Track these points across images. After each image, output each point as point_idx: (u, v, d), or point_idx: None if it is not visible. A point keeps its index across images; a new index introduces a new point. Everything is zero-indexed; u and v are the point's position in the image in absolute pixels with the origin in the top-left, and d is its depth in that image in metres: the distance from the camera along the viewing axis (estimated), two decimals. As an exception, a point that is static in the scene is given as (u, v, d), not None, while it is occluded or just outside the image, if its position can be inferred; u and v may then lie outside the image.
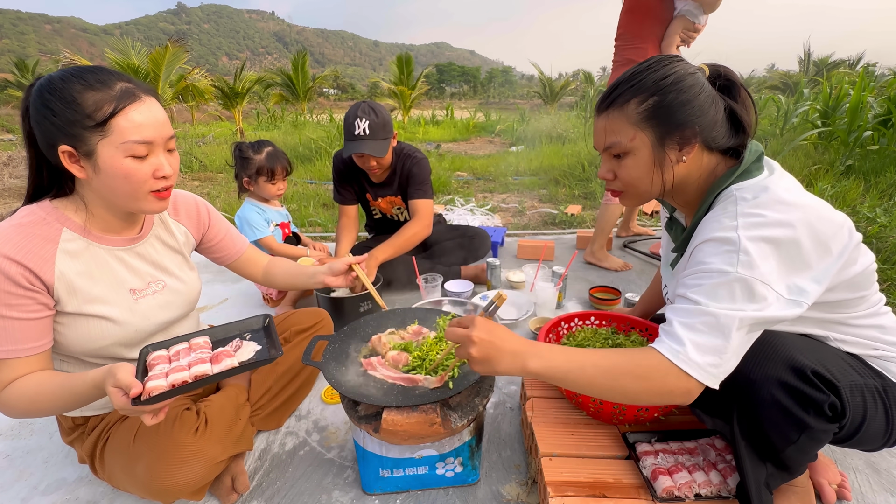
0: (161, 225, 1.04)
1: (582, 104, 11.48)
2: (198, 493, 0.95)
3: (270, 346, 0.95)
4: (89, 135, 0.78)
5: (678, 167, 0.84)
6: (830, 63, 18.67)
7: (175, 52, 9.93)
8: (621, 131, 0.84)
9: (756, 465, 0.82)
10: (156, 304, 0.98)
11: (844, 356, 0.84)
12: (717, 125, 0.82)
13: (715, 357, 0.70)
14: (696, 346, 0.71)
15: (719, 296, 0.71)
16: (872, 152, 4.52)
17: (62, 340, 0.89)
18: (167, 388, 0.76)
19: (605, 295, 2.02)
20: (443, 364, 1.02)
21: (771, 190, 0.77)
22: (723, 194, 0.82)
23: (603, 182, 4.68)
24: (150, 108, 0.83)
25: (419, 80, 17.29)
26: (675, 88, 0.79)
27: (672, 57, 0.83)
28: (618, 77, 0.86)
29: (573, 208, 3.97)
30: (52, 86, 0.78)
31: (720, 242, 0.74)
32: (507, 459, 1.17)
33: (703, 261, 0.75)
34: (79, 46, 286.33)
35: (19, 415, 0.83)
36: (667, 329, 0.75)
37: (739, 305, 0.70)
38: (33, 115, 0.80)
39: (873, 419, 0.80)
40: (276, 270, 1.29)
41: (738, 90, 0.83)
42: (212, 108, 16.75)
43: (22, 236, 0.80)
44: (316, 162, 6.48)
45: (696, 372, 0.70)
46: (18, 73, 19.40)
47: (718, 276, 0.72)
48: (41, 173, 0.86)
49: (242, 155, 1.98)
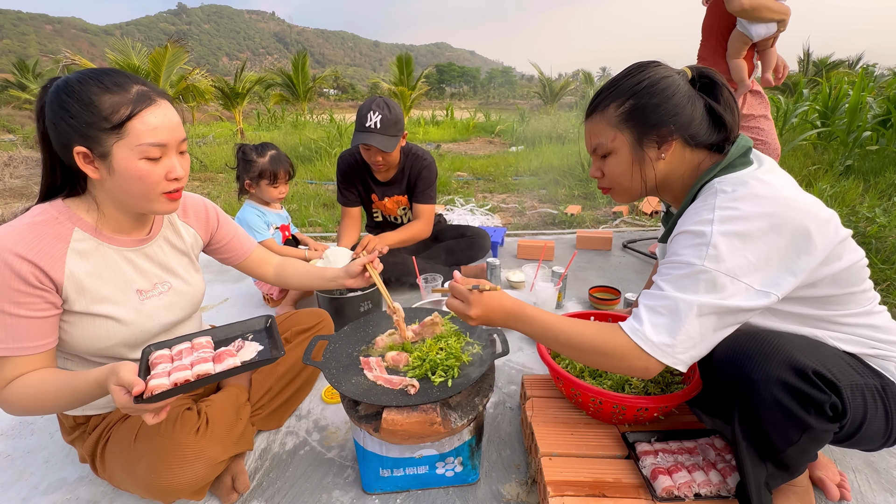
0: (169, 226, 1.05)
1: (581, 104, 11.48)
2: (198, 493, 0.96)
3: (272, 346, 0.96)
4: (105, 137, 0.79)
5: (659, 164, 0.89)
6: (830, 63, 18.66)
7: (175, 52, 9.91)
8: (604, 133, 0.91)
9: (756, 465, 0.82)
10: (161, 305, 0.99)
11: (843, 356, 0.84)
12: (696, 123, 0.86)
13: (669, 338, 0.77)
14: (653, 325, 0.78)
15: (683, 286, 0.77)
16: (872, 152, 4.53)
17: (67, 339, 0.89)
18: (169, 387, 0.76)
19: (604, 295, 2.03)
20: (443, 364, 1.02)
21: (750, 184, 0.79)
22: (705, 187, 0.86)
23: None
24: (164, 112, 0.84)
25: (419, 80, 17.29)
26: (648, 91, 0.85)
27: (650, 63, 0.90)
28: (601, 86, 0.93)
29: (573, 208, 3.97)
30: (70, 87, 0.79)
31: (692, 235, 0.79)
32: (506, 459, 1.18)
33: (676, 251, 0.81)
34: (79, 47, 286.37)
35: (21, 412, 0.83)
36: (634, 311, 0.84)
37: (700, 295, 0.75)
38: (49, 116, 0.80)
39: (873, 419, 0.80)
40: (290, 272, 1.29)
41: (720, 90, 0.88)
42: (212, 109, 16.75)
43: (34, 235, 0.81)
44: (316, 162, 6.49)
45: (651, 349, 0.77)
46: (19, 73, 19.42)
47: (685, 267, 0.78)
48: (55, 173, 0.87)
49: (245, 157, 1.98)
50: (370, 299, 1.80)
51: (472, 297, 0.91)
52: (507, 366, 1.60)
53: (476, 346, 1.12)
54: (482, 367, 1.01)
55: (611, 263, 2.61)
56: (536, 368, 1.60)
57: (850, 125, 4.71)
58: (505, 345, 1.08)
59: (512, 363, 1.62)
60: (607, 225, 3.64)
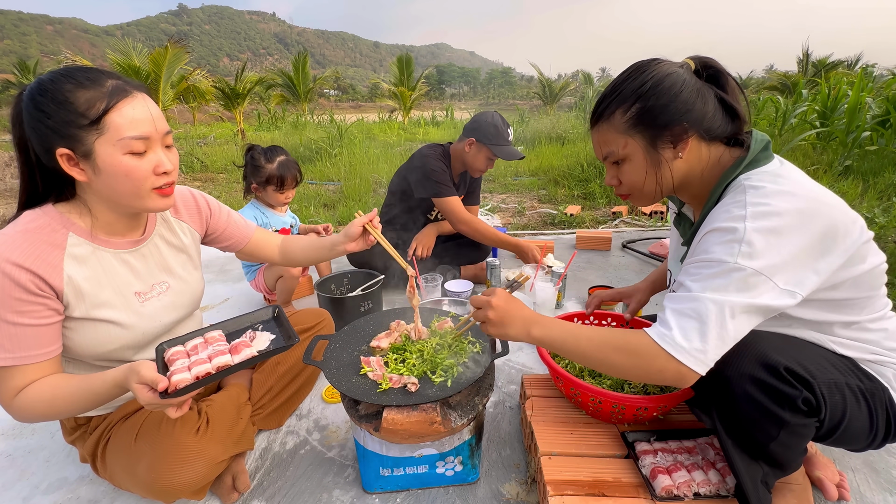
0: (164, 224, 1.04)
1: (581, 105, 11.48)
2: (199, 493, 0.96)
3: (284, 334, 0.97)
4: (85, 134, 0.77)
5: (677, 163, 0.86)
6: (829, 64, 18.65)
7: (176, 52, 9.91)
8: (613, 141, 0.88)
9: (749, 464, 0.82)
10: (161, 306, 0.99)
11: (830, 357, 0.83)
12: (710, 116, 0.82)
13: (700, 342, 0.72)
14: (682, 329, 0.74)
15: (714, 285, 0.73)
16: (871, 153, 4.53)
17: (70, 345, 0.89)
18: (192, 381, 0.78)
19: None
20: (443, 364, 1.02)
21: (782, 179, 0.77)
22: (732, 184, 0.82)
23: (602, 183, 4.65)
24: (143, 104, 0.82)
25: (419, 80, 17.31)
26: (654, 92, 0.81)
27: (650, 61, 0.86)
28: (602, 92, 0.90)
29: (572, 208, 3.98)
30: (43, 88, 0.77)
31: (724, 232, 0.75)
32: (506, 458, 1.18)
33: (707, 249, 0.77)
34: (80, 47, 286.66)
35: (36, 419, 0.83)
36: (660, 315, 0.79)
37: (731, 294, 0.71)
38: (27, 121, 0.78)
39: (855, 418, 0.79)
40: (294, 248, 1.25)
41: (725, 79, 0.85)
42: (213, 109, 16.76)
43: (29, 242, 0.80)
44: (317, 162, 6.50)
45: (682, 355, 0.73)
46: (20, 73, 19.43)
47: (717, 265, 0.73)
48: (34, 180, 0.84)
49: (254, 162, 1.95)
50: (370, 299, 1.81)
51: (494, 291, 0.90)
52: (507, 365, 1.61)
53: (476, 345, 1.12)
54: (482, 367, 1.01)
55: (610, 263, 2.61)
56: (536, 368, 1.60)
57: (850, 125, 4.72)
58: (505, 345, 1.08)
59: (512, 363, 1.63)
60: (607, 225, 3.64)
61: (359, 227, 1.10)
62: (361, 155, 6.58)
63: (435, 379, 0.99)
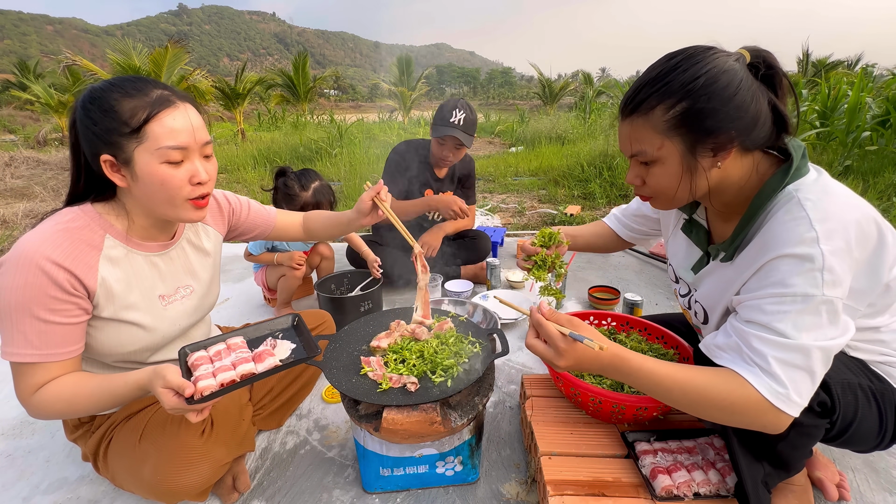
0: (191, 227, 1.05)
1: (581, 105, 11.48)
2: (202, 495, 0.96)
3: (305, 344, 0.99)
4: (126, 142, 0.79)
5: (713, 172, 0.77)
6: (829, 64, 18.64)
7: (176, 52, 9.91)
8: (647, 140, 0.76)
9: (752, 464, 0.82)
10: (183, 310, 1.00)
11: (842, 357, 0.83)
12: (759, 126, 0.73)
13: (809, 392, 0.69)
14: (795, 385, 0.68)
15: (806, 324, 0.67)
16: (871, 153, 4.53)
17: (92, 343, 0.89)
18: (217, 388, 0.80)
19: (604, 295, 2.03)
20: (443, 364, 1.02)
21: (833, 191, 0.72)
22: (781, 196, 0.75)
23: (602, 183, 4.61)
24: (184, 114, 0.83)
25: (419, 81, 17.30)
26: (706, 92, 0.70)
27: (706, 49, 0.73)
28: (641, 76, 0.77)
29: (572, 208, 3.98)
30: (93, 96, 0.80)
31: (801, 260, 0.68)
32: (506, 458, 1.18)
33: (785, 282, 0.69)
34: (80, 47, 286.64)
35: (53, 416, 0.84)
36: (760, 364, 0.70)
37: (827, 332, 0.68)
38: (79, 127, 0.82)
39: (865, 419, 0.80)
40: (315, 224, 1.28)
41: (780, 80, 0.75)
42: (213, 109, 16.74)
43: (69, 242, 0.81)
44: (317, 163, 6.51)
45: (795, 410, 0.69)
46: (20, 73, 19.41)
47: (803, 301, 0.67)
48: (79, 182, 0.88)
49: (288, 190, 1.82)
50: (370, 299, 1.81)
51: (563, 346, 0.75)
52: (507, 365, 1.61)
53: (476, 345, 1.12)
54: (482, 367, 1.01)
55: (610, 263, 2.61)
56: (536, 368, 1.60)
57: (850, 125, 4.72)
58: (505, 344, 1.08)
59: (512, 363, 1.63)
60: (607, 225, 3.64)
61: (368, 202, 1.12)
62: (361, 155, 6.58)
63: (435, 379, 0.99)
